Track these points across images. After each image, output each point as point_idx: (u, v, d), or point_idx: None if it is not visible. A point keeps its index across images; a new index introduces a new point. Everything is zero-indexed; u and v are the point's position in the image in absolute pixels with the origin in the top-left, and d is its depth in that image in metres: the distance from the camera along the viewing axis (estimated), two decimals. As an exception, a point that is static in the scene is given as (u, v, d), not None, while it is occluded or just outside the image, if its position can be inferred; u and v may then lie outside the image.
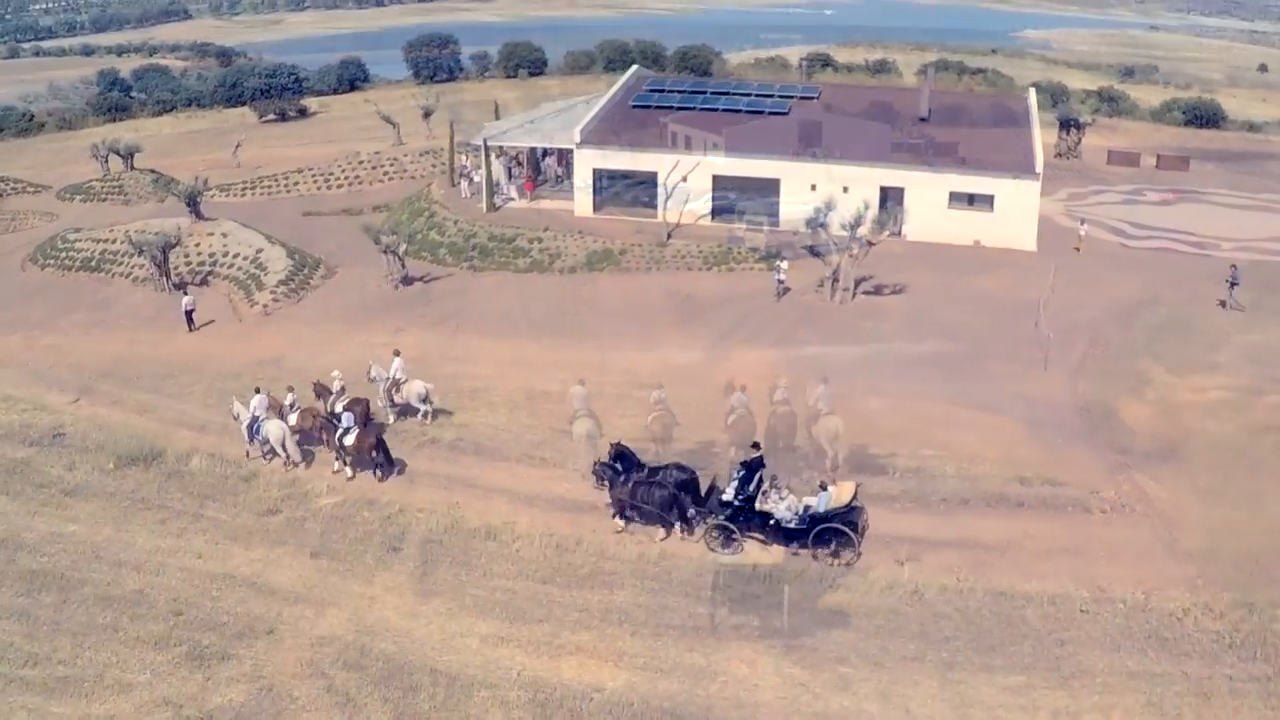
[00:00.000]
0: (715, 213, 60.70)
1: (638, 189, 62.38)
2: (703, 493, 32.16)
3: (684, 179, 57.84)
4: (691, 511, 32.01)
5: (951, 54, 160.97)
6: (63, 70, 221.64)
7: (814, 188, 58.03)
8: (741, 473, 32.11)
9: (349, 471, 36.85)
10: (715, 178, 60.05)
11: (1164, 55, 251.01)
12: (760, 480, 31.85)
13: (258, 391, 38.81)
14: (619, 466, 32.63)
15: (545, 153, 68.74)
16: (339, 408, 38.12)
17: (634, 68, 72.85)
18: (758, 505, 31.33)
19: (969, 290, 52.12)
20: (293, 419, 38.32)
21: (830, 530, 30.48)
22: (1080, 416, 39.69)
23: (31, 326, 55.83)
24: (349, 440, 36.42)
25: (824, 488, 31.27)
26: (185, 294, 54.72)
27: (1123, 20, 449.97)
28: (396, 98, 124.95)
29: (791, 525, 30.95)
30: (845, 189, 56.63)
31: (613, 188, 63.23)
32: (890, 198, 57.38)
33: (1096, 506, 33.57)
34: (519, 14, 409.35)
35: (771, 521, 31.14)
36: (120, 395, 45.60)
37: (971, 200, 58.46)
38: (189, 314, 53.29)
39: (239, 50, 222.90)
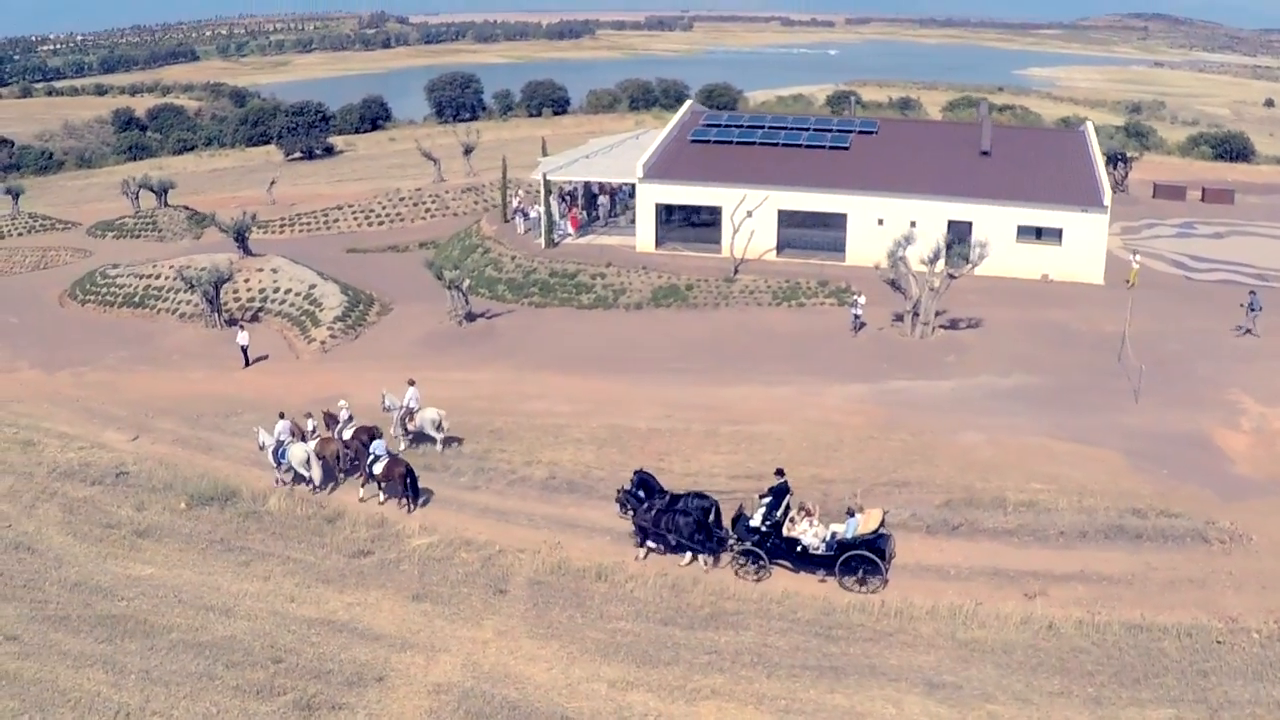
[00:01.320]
0: (781, 248, 59.69)
1: (700, 224, 61.35)
2: (725, 521, 31.92)
3: (749, 214, 56.70)
4: (724, 535, 31.81)
5: (974, 92, 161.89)
6: (76, 110, 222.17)
7: (881, 222, 57.41)
8: (769, 499, 31.86)
9: (380, 496, 36.74)
10: (780, 212, 59.10)
11: (1169, 91, 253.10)
12: (787, 507, 31.69)
13: (282, 417, 38.84)
14: (641, 494, 32.56)
15: (600, 188, 67.90)
16: (346, 435, 38.42)
17: (688, 102, 72.14)
18: (785, 531, 31.10)
19: (1044, 323, 51.48)
20: (312, 444, 38.20)
21: (857, 557, 30.20)
22: (1179, 447, 38.74)
23: (78, 363, 54.69)
24: (377, 469, 36.33)
25: (851, 514, 31.00)
26: (241, 330, 53.48)
27: (1126, 58, 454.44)
28: (421, 136, 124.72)
29: (819, 552, 30.76)
30: (913, 223, 55.82)
31: (674, 222, 62.36)
32: (958, 231, 56.32)
33: (1215, 537, 32.66)
34: (525, 56, 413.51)
35: (799, 548, 30.95)
36: (181, 433, 44.40)
37: (1039, 234, 57.73)
38: (244, 350, 52.07)
39: (253, 91, 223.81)
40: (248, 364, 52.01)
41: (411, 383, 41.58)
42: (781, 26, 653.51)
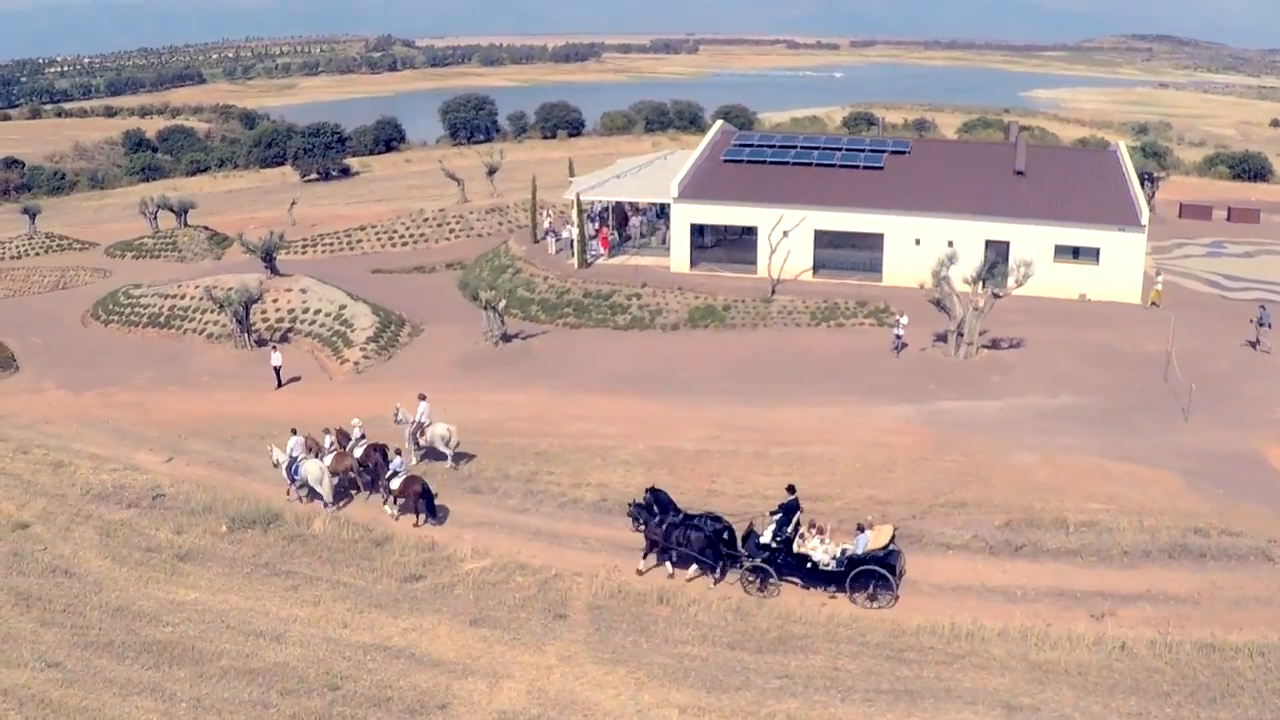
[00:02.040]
0: (816, 268, 59.19)
1: (735, 244, 60.84)
2: (739, 539, 31.90)
3: (785, 234, 56.21)
4: (735, 553, 31.76)
5: (982, 113, 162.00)
6: (86, 131, 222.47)
7: (918, 242, 57.09)
8: (779, 515, 31.84)
9: (394, 514, 36.72)
10: (817, 232, 58.62)
11: (1175, 112, 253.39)
12: (797, 523, 31.68)
13: (294, 433, 39.01)
14: (655, 509, 32.62)
15: (632, 209, 67.50)
16: (357, 453, 38.64)
17: (719, 123, 71.68)
18: (795, 548, 31.06)
19: (1086, 343, 51.12)
20: (328, 461, 38.23)
21: (867, 573, 30.13)
22: (1233, 466, 38.39)
23: (105, 383, 54.17)
24: (395, 484, 36.40)
25: (861, 530, 30.96)
26: (274, 350, 52.89)
27: (1131, 79, 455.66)
28: (437, 158, 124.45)
29: (830, 568, 30.68)
30: (950, 243, 55.24)
31: (708, 243, 61.87)
32: (995, 251, 55.85)
33: (1278, 555, 32.30)
34: (531, 79, 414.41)
35: (809, 564, 30.88)
36: (217, 455, 43.78)
37: (1076, 253, 57.34)
38: (277, 371, 51.48)
39: (262, 113, 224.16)
40: (280, 385, 51.35)
41: (422, 397, 41.62)
42: (787, 49, 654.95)
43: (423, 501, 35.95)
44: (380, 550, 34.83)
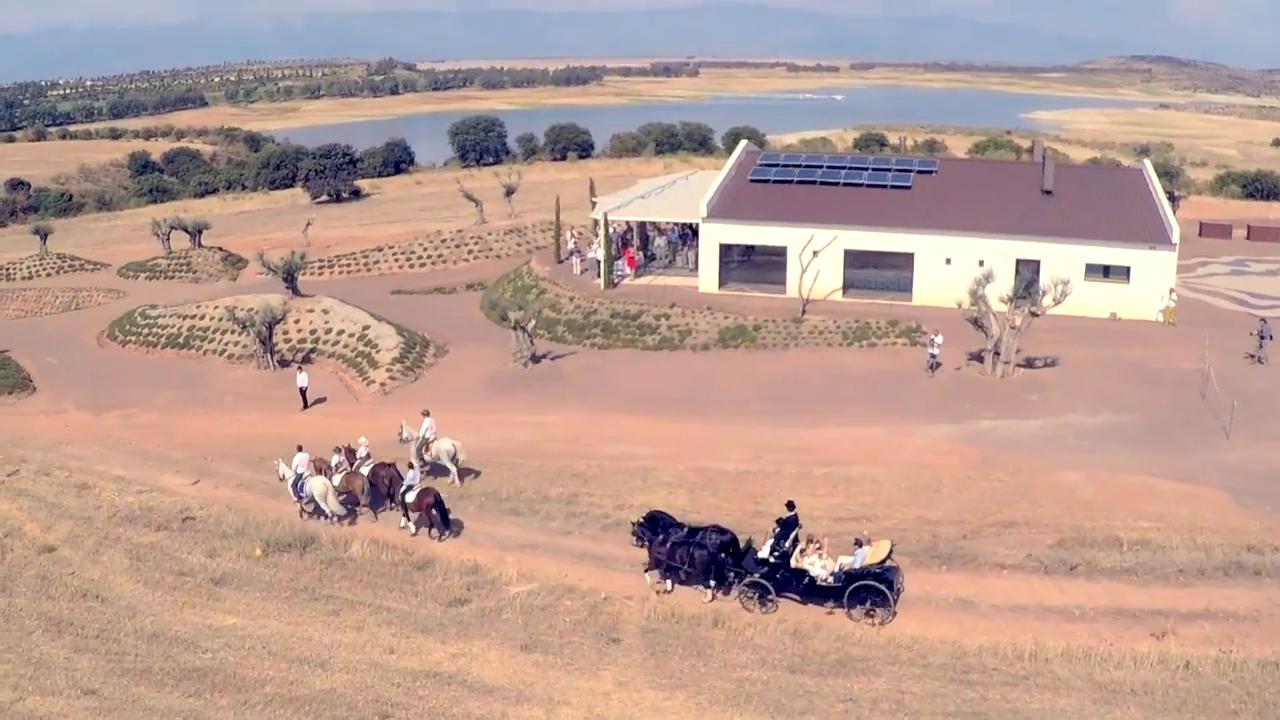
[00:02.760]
0: (846, 287, 58.64)
1: (762, 264, 60.37)
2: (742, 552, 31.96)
3: (815, 254, 55.72)
4: (739, 569, 31.65)
5: (983, 135, 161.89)
6: (91, 153, 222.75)
7: (949, 261, 56.60)
8: (777, 530, 31.74)
9: (412, 528, 36.71)
10: (846, 252, 58.11)
11: (1176, 133, 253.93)
12: (796, 539, 31.56)
13: (300, 450, 39.18)
14: (655, 528, 32.59)
15: (656, 229, 67.06)
16: (365, 471, 38.67)
17: (743, 143, 71.17)
18: (793, 563, 30.91)
19: (1120, 361, 50.69)
20: (337, 479, 38.39)
21: (865, 589, 29.95)
22: (1279, 483, 37.84)
23: (126, 404, 53.63)
24: (410, 498, 36.36)
25: (859, 545, 30.85)
26: (300, 371, 52.27)
27: (1131, 100, 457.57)
28: (448, 179, 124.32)
29: (827, 584, 30.53)
30: (981, 262, 54.93)
31: (734, 262, 61.42)
32: (1025, 270, 55.61)
33: (1335, 571, 31.88)
34: (532, 102, 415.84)
35: (806, 579, 30.72)
36: (244, 477, 43.10)
37: (1107, 272, 56.88)
38: (303, 392, 50.85)
39: (267, 136, 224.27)
40: (306, 406, 50.72)
41: (426, 414, 41.89)
42: (787, 72, 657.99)
43: (436, 513, 35.96)
44: (422, 574, 34.11)
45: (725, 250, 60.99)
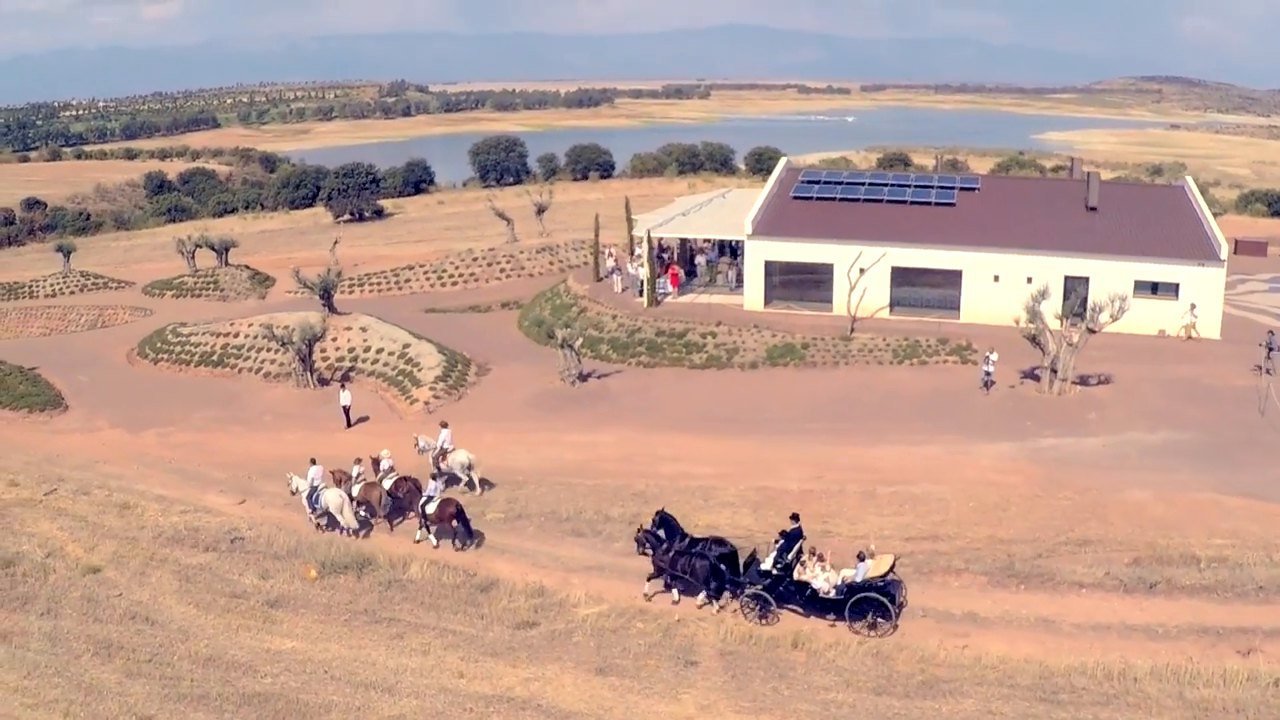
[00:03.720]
0: (893, 305, 57.92)
1: (806, 281, 59.65)
2: (743, 565, 31.94)
3: (862, 271, 54.96)
4: (741, 579, 31.59)
5: (996, 155, 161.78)
6: (107, 173, 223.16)
7: (997, 279, 55.86)
8: (780, 542, 31.83)
9: (433, 540, 36.69)
10: (893, 269, 57.42)
11: (1188, 153, 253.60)
12: (799, 551, 31.53)
13: (314, 463, 39.03)
14: (661, 534, 32.67)
15: (696, 247, 66.45)
16: (386, 484, 38.66)
17: (784, 159, 70.61)
18: (795, 575, 30.89)
19: (1174, 379, 49.95)
20: (356, 489, 38.50)
21: (867, 601, 29.83)
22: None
23: (162, 423, 52.84)
24: (430, 509, 36.39)
25: (861, 558, 30.70)
26: (343, 389, 51.50)
27: (1142, 120, 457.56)
28: (470, 199, 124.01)
29: (829, 596, 30.45)
30: (1029, 279, 54.27)
31: (776, 280, 60.63)
32: (1073, 287, 54.92)
33: None
34: (544, 124, 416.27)
35: (808, 592, 30.68)
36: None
37: (1155, 288, 55.97)
38: (346, 410, 50.05)
39: (283, 157, 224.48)
40: (350, 424, 49.87)
41: (444, 425, 42.76)
42: (798, 94, 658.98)
43: (459, 524, 35.90)
44: (486, 596, 33.31)
45: (775, 268, 60.20)
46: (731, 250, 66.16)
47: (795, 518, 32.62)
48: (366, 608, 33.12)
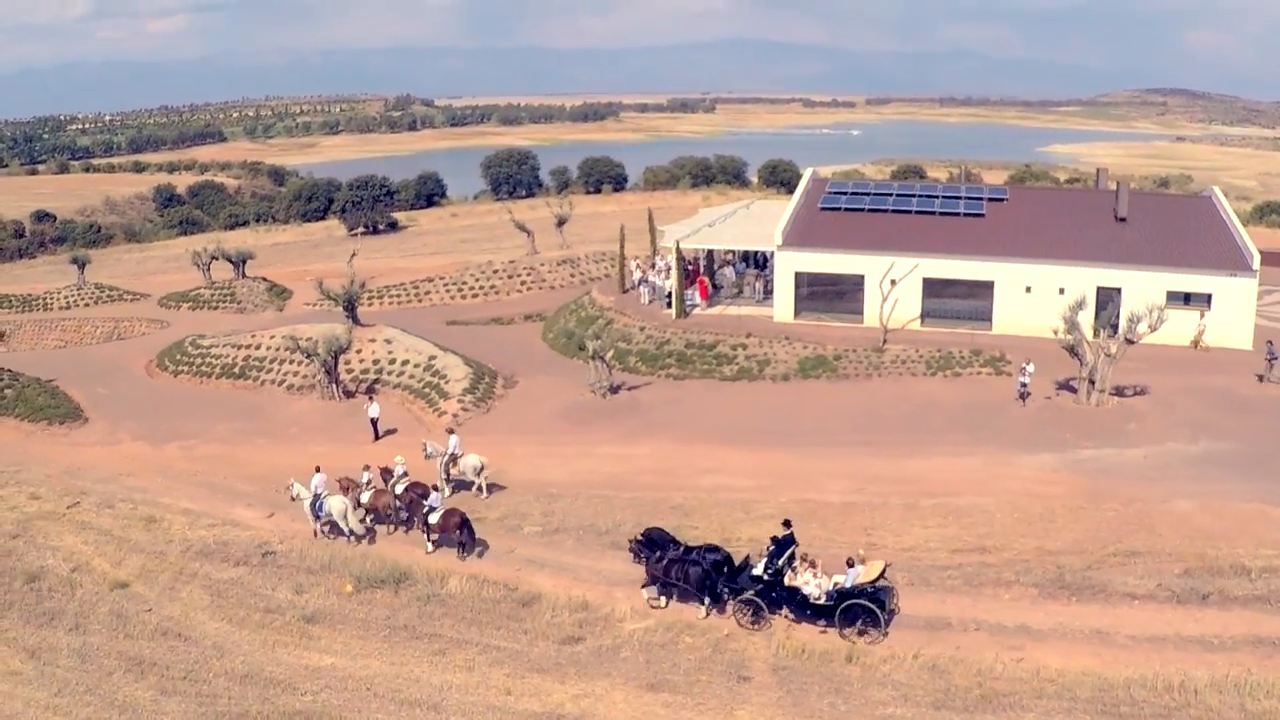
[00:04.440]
0: (924, 316, 57.42)
1: (835, 293, 59.13)
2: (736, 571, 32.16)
3: (893, 282, 54.47)
4: (734, 585, 31.71)
5: (1002, 168, 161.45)
6: (115, 186, 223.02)
7: (1029, 289, 55.39)
8: (772, 548, 31.86)
9: (429, 547, 36.89)
10: (924, 280, 56.89)
11: (1193, 165, 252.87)
12: (791, 557, 31.64)
13: (318, 470, 39.06)
14: (651, 545, 32.72)
15: (719, 261, 65.95)
16: (399, 490, 38.77)
17: (810, 171, 69.96)
18: (786, 581, 31.02)
19: (1210, 389, 49.48)
20: (365, 497, 38.74)
21: (857, 607, 29.90)
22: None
23: (185, 435, 52.35)
24: (433, 518, 36.50)
25: (851, 564, 30.70)
26: (371, 401, 50.98)
27: (1147, 133, 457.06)
28: (483, 211, 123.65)
29: (819, 602, 30.54)
30: (1061, 290, 53.94)
31: (804, 292, 60.07)
32: (1105, 297, 54.56)
33: None
34: (550, 138, 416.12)
35: (799, 597, 30.78)
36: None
37: (1187, 299, 55.45)
38: (374, 422, 49.50)
39: (291, 170, 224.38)
40: (378, 437, 49.33)
41: (451, 431, 43.74)
42: (803, 108, 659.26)
43: (463, 533, 35.97)
44: (528, 610, 32.72)
45: (805, 279, 59.68)
46: (757, 262, 65.66)
47: (787, 524, 32.62)
48: (406, 623, 32.57)
